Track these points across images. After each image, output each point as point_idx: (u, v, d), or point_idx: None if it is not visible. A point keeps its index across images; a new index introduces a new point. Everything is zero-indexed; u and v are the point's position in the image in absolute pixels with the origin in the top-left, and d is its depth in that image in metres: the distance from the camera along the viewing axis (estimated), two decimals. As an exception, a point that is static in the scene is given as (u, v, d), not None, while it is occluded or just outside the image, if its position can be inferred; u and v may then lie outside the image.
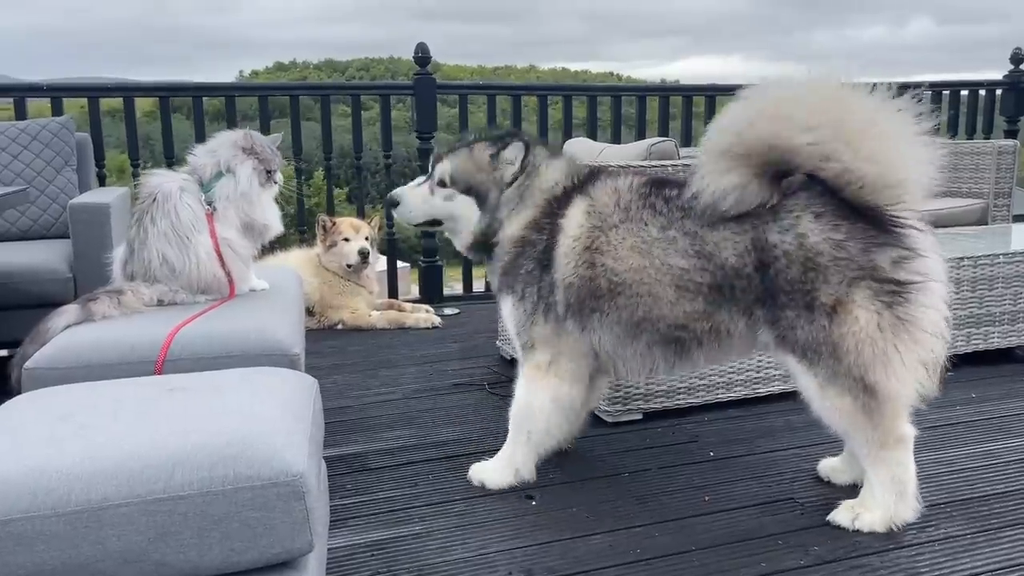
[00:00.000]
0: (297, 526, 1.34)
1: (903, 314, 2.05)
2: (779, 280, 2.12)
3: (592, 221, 2.36)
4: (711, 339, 2.28)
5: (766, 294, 2.16)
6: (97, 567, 1.27)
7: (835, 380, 2.11)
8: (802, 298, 2.10)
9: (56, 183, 3.99)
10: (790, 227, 2.11)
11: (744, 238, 2.16)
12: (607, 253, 2.32)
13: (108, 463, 1.31)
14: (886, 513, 2.18)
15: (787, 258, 2.11)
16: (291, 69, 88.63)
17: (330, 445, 2.85)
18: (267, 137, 2.70)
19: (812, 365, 2.14)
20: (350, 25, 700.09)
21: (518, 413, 2.52)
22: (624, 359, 2.41)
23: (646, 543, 2.16)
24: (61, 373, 1.99)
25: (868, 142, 2.04)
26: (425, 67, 4.99)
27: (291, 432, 1.44)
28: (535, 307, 2.44)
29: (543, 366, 2.46)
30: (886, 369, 2.07)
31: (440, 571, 2.05)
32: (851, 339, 2.07)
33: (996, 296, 3.54)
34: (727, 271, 2.19)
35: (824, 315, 2.08)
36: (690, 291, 2.23)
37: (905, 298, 2.05)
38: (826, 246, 2.07)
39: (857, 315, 2.06)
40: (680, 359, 2.36)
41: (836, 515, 2.24)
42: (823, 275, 2.07)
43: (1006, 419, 2.98)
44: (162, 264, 2.47)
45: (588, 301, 2.36)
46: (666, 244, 2.25)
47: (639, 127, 5.52)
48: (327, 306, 4.49)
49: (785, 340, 2.17)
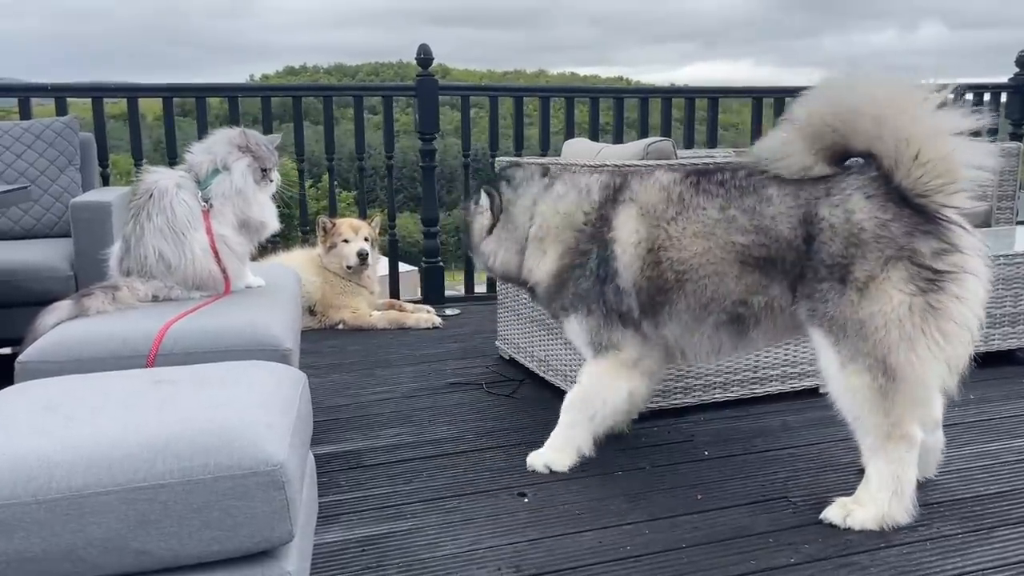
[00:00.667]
0: (277, 515, 1.35)
1: (935, 302, 2.09)
2: (822, 252, 2.21)
3: (648, 222, 2.45)
4: (766, 316, 2.37)
5: (809, 267, 2.24)
6: (78, 554, 1.28)
7: (856, 358, 2.16)
8: (839, 272, 2.18)
9: (59, 182, 4.03)
10: (840, 203, 2.20)
11: (798, 212, 2.25)
12: (670, 248, 2.41)
13: (90, 452, 1.32)
14: (880, 510, 2.16)
15: (832, 231, 2.19)
16: (301, 73, 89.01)
17: (327, 442, 2.87)
18: (265, 137, 2.71)
19: (837, 340, 2.19)
20: (363, 30, 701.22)
21: (588, 396, 2.59)
22: (691, 345, 2.51)
23: (636, 540, 2.16)
24: (54, 367, 2.01)
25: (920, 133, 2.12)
26: (427, 68, 5.01)
27: (273, 424, 1.45)
28: (607, 317, 2.52)
29: (628, 363, 2.55)
30: (909, 352, 2.10)
31: (429, 567, 2.05)
32: (880, 318, 2.12)
33: (996, 298, 3.52)
34: (781, 244, 2.28)
35: (855, 290, 2.15)
36: (750, 265, 2.32)
37: (940, 287, 2.09)
38: (871, 224, 2.15)
39: (890, 295, 2.12)
40: (741, 338, 2.45)
41: (828, 512, 2.23)
42: (863, 251, 2.15)
43: (1005, 420, 2.97)
44: (158, 260, 2.49)
45: (657, 297, 2.45)
46: (727, 223, 2.35)
47: (642, 129, 5.52)
48: (328, 306, 4.51)
49: (815, 313, 2.24)
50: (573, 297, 2.57)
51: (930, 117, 2.13)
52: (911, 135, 2.12)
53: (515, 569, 2.03)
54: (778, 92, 5.84)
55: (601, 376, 2.57)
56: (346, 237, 4.49)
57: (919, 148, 2.11)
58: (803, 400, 3.11)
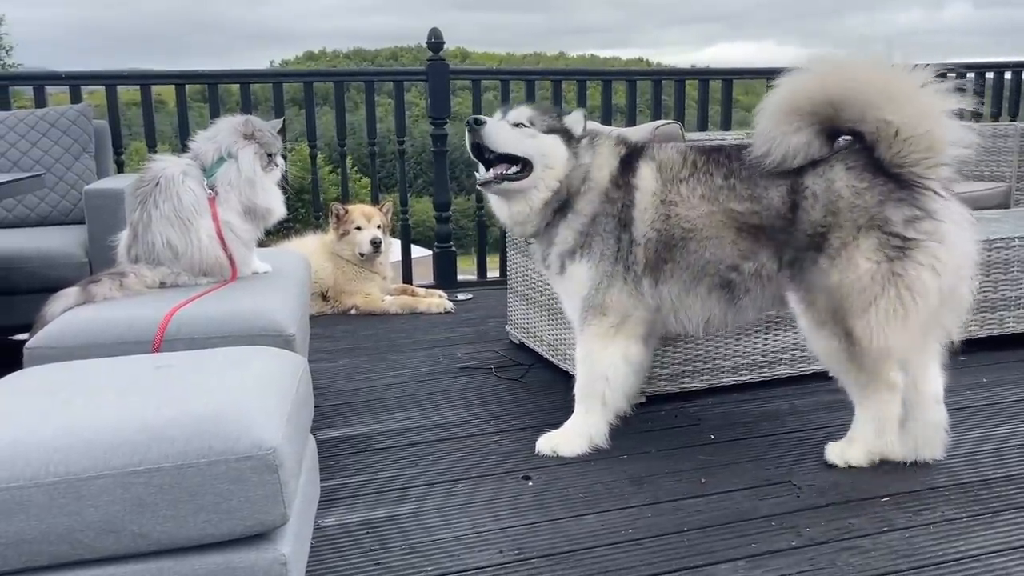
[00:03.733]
0: (271, 499, 1.37)
1: (900, 269, 2.21)
2: (804, 221, 2.33)
3: (664, 176, 2.53)
4: (755, 284, 2.47)
5: (793, 235, 2.36)
6: (76, 537, 1.31)
7: (825, 324, 2.33)
8: (817, 239, 2.30)
9: (74, 170, 4.07)
10: (823, 173, 2.33)
11: (786, 182, 2.37)
12: (680, 204, 2.49)
13: (88, 436, 1.35)
14: (866, 447, 2.41)
15: (813, 199, 2.32)
16: (320, 58, 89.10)
17: (336, 426, 2.90)
18: (267, 122, 2.73)
19: (810, 306, 2.35)
20: (387, 16, 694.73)
21: (590, 380, 2.60)
22: (685, 308, 2.56)
23: (638, 523, 2.17)
24: (60, 352, 2.04)
25: (904, 104, 2.22)
26: (438, 53, 5.00)
27: (268, 408, 1.47)
28: (614, 267, 2.54)
29: (610, 330, 2.56)
30: (868, 319, 2.25)
31: (431, 549, 2.07)
32: (846, 287, 2.26)
33: (1011, 280, 3.48)
34: (771, 212, 2.39)
35: (828, 258, 2.29)
36: (744, 232, 2.43)
37: (907, 255, 2.20)
38: (847, 192, 2.27)
39: (858, 262, 2.24)
40: (731, 306, 2.53)
41: (829, 455, 2.45)
42: (838, 219, 2.27)
43: (1017, 404, 2.94)
44: (165, 247, 2.52)
45: (663, 252, 2.51)
46: (728, 191, 2.45)
47: (655, 111, 5.49)
48: (341, 291, 4.53)
49: (793, 280, 2.38)
50: (595, 235, 2.56)
51: (910, 97, 2.22)
52: (891, 114, 2.21)
53: (517, 552, 2.05)
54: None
55: (595, 351, 2.58)
56: (359, 224, 4.50)
57: (898, 127, 2.21)
58: (812, 383, 3.09)
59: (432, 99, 5.06)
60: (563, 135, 2.60)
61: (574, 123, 2.65)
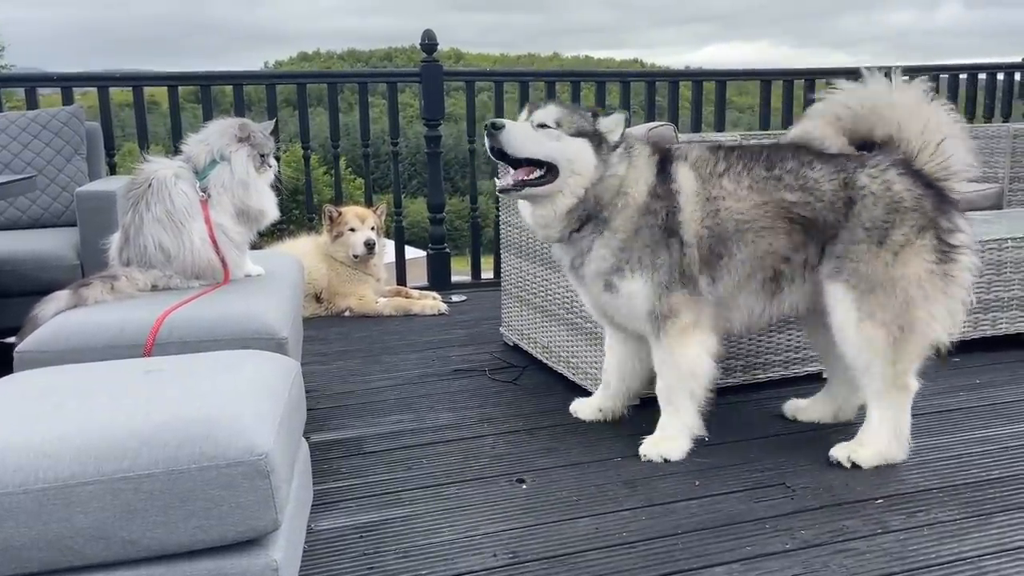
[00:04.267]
0: (262, 504, 1.36)
1: (948, 270, 2.41)
2: (863, 216, 2.43)
3: (702, 173, 2.53)
4: (800, 274, 2.53)
5: (845, 229, 2.45)
6: (65, 543, 1.30)
7: (876, 313, 2.40)
8: (877, 234, 2.41)
9: (66, 172, 4.05)
10: (877, 175, 2.45)
11: (838, 176, 2.47)
12: (728, 197, 2.50)
13: (77, 442, 1.34)
14: (880, 449, 2.45)
15: (873, 197, 2.43)
16: (314, 59, 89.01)
17: (329, 429, 2.89)
18: (259, 124, 2.72)
19: (860, 296, 2.42)
20: (384, 17, 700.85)
21: (678, 379, 2.57)
22: (737, 303, 2.57)
23: (632, 526, 2.16)
24: (51, 356, 2.03)
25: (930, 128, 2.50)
26: (432, 54, 4.99)
27: (260, 413, 1.46)
28: (670, 274, 2.50)
29: (689, 327, 2.53)
30: (926, 310, 2.39)
31: (425, 553, 2.06)
32: (908, 279, 2.38)
33: (1004, 281, 3.48)
34: (824, 204, 2.46)
35: (891, 253, 2.40)
36: (796, 223, 2.48)
37: (952, 259, 2.41)
38: (908, 195, 2.42)
39: (919, 259, 2.39)
40: (773, 298, 2.57)
41: (835, 452, 2.49)
42: (902, 217, 2.40)
43: (1009, 405, 2.94)
44: (157, 250, 2.50)
45: (717, 247, 2.51)
46: (776, 181, 2.50)
47: (648, 113, 5.49)
48: (334, 293, 4.52)
49: (841, 271, 2.45)
50: (642, 248, 2.49)
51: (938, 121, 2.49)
52: (928, 135, 2.48)
53: (511, 555, 2.04)
54: (787, 74, 5.79)
55: (678, 349, 2.53)
56: (352, 226, 4.49)
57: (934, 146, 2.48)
58: (806, 385, 3.09)
59: (426, 100, 5.05)
60: (593, 139, 2.49)
61: (612, 127, 2.53)
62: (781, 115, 5.71)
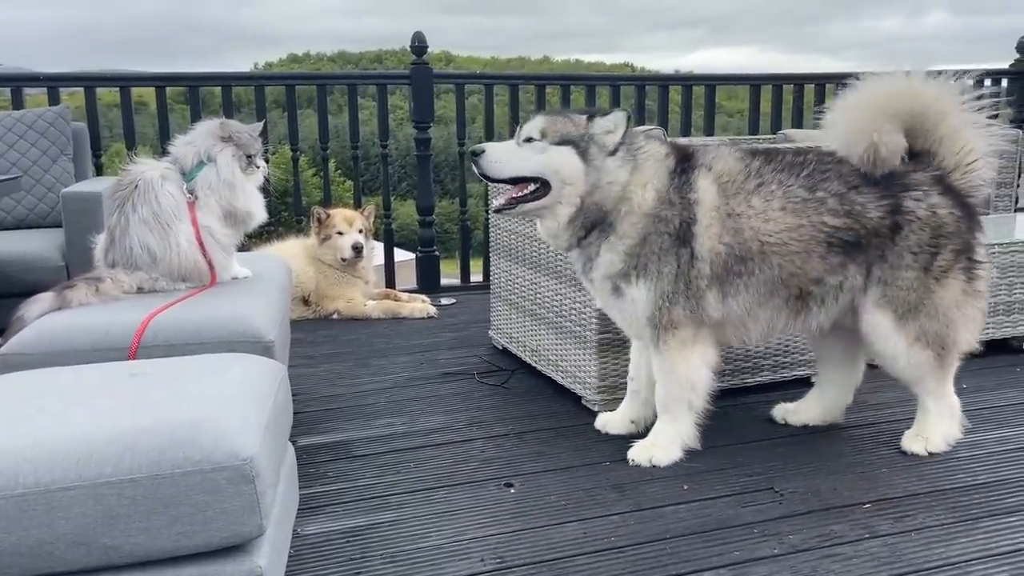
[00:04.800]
0: (247, 509, 1.35)
1: (976, 286, 2.49)
2: (910, 241, 2.44)
3: (727, 190, 2.45)
4: (833, 296, 2.52)
5: (891, 253, 2.46)
6: (47, 549, 1.29)
7: (922, 336, 2.47)
8: (923, 260, 2.44)
9: (52, 172, 4.02)
10: (923, 198, 2.45)
11: (885, 202, 2.45)
12: (756, 216, 2.44)
13: (59, 446, 1.32)
14: (944, 434, 2.58)
15: (920, 223, 2.44)
16: (304, 60, 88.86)
17: (317, 432, 2.87)
18: (248, 125, 2.70)
19: (905, 323, 2.46)
20: (375, 19, 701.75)
21: (677, 389, 2.54)
22: (755, 319, 2.54)
23: (620, 531, 2.16)
24: (35, 359, 2.01)
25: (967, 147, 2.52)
26: (422, 56, 4.98)
27: (245, 417, 1.45)
28: (675, 285, 2.43)
29: (689, 340, 2.49)
30: (964, 330, 2.50)
31: (413, 558, 2.05)
32: (946, 303, 2.45)
33: (992, 287, 3.47)
34: (869, 229, 2.45)
35: (934, 278, 2.44)
36: (836, 247, 2.46)
37: (978, 275, 2.49)
38: (950, 219, 2.45)
39: (956, 281, 2.46)
40: (798, 316, 2.55)
41: (911, 447, 2.58)
42: (944, 242, 2.44)
43: (996, 410, 2.96)
44: (143, 251, 2.48)
45: (735, 266, 2.45)
46: (817, 204, 2.45)
47: (638, 117, 5.49)
48: (323, 296, 4.50)
49: (887, 298, 2.47)
50: (649, 256, 2.42)
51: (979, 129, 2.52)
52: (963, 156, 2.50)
53: (499, 560, 2.03)
54: (776, 79, 5.80)
55: (678, 361, 2.49)
56: (340, 229, 4.46)
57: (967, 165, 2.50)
58: (794, 389, 3.09)
59: (416, 103, 5.04)
60: (580, 144, 2.38)
61: (610, 127, 2.40)
62: (770, 119, 5.73)
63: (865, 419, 2.88)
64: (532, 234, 3.32)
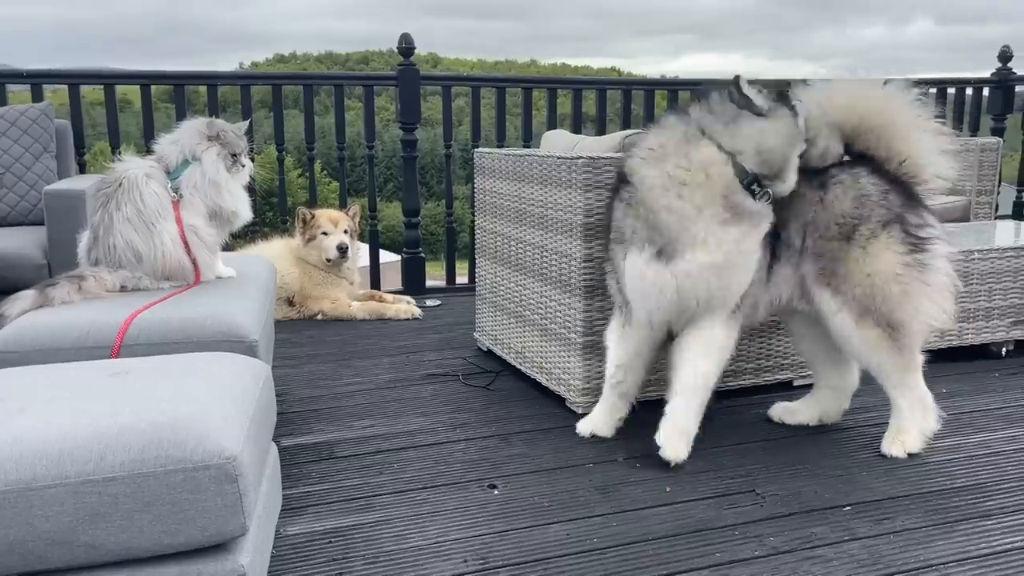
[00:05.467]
0: (230, 509, 1.34)
1: (922, 259, 2.47)
2: (834, 208, 2.52)
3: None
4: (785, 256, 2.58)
5: (820, 217, 2.53)
6: (26, 547, 1.28)
7: (866, 315, 2.49)
8: (847, 230, 2.50)
9: (34, 170, 3.99)
10: (848, 168, 2.56)
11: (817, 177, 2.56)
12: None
13: (39, 444, 1.31)
14: (918, 430, 2.58)
15: (843, 187, 2.52)
16: (290, 61, 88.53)
17: (300, 433, 2.86)
18: (234, 124, 2.69)
19: (848, 299, 2.51)
20: (362, 20, 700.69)
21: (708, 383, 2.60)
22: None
23: (603, 532, 2.16)
24: (16, 357, 1.99)
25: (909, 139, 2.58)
26: (409, 58, 4.98)
27: (228, 416, 1.44)
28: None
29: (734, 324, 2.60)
30: (912, 307, 2.47)
31: (395, 559, 2.05)
32: (881, 274, 2.46)
33: (970, 292, 3.54)
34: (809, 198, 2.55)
35: (860, 248, 2.48)
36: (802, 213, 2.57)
37: (924, 249, 2.47)
38: (874, 189, 2.51)
39: (887, 253, 2.46)
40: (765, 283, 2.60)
41: (890, 449, 2.59)
42: (868, 210, 2.49)
43: (975, 414, 2.98)
44: (127, 250, 2.47)
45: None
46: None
47: (624, 120, 5.52)
48: (307, 296, 4.49)
49: (824, 273, 2.54)
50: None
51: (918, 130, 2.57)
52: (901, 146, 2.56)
53: (481, 561, 2.03)
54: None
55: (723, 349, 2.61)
56: (325, 230, 4.46)
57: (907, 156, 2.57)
58: (777, 393, 3.12)
59: (402, 104, 5.04)
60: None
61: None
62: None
63: (846, 423, 2.90)
64: (518, 236, 3.32)
